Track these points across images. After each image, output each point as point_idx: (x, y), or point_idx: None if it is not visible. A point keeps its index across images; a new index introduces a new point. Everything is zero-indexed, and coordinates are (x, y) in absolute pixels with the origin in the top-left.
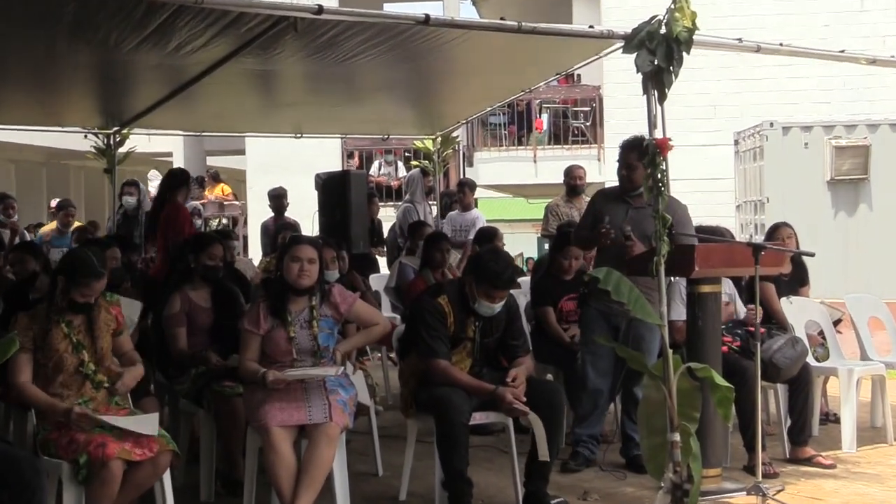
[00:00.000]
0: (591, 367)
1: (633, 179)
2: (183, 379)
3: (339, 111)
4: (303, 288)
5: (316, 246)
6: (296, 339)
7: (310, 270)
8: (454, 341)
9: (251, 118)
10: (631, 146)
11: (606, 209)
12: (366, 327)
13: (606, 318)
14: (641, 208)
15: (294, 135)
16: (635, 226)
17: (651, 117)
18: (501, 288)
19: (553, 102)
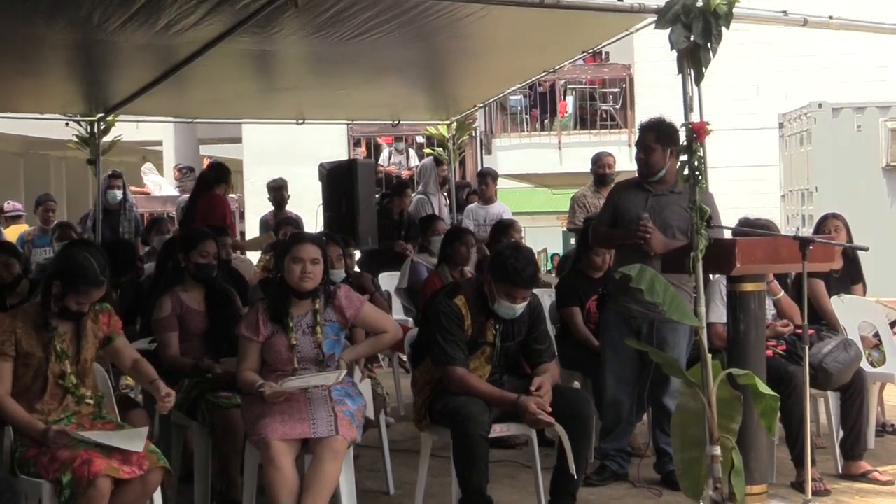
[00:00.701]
0: (611, 375)
1: (650, 163)
2: (175, 389)
3: (344, 95)
4: (305, 291)
5: (319, 244)
6: (298, 346)
7: (313, 272)
8: (472, 346)
9: (248, 103)
10: (649, 127)
11: (625, 200)
12: (374, 334)
13: (626, 320)
14: (662, 195)
15: (295, 121)
16: (656, 215)
17: (687, 99)
18: (523, 287)
19: (579, 83)
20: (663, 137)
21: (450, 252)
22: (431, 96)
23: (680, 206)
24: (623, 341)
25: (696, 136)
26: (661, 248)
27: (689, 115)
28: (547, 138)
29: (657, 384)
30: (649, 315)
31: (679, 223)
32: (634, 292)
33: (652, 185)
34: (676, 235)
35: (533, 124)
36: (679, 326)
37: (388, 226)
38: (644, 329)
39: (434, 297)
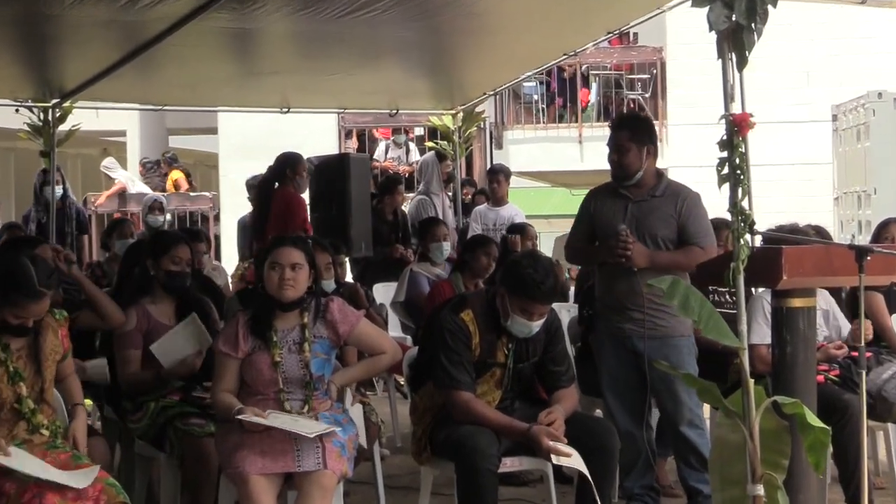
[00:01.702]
0: (616, 406)
1: (625, 165)
2: (139, 415)
3: (335, 80)
4: (286, 301)
5: (303, 247)
6: (282, 364)
7: (294, 279)
8: (480, 368)
9: (225, 89)
10: (621, 123)
11: (601, 209)
12: (370, 354)
13: (620, 340)
14: (643, 201)
15: (279, 109)
16: (638, 223)
17: (727, 87)
18: (541, 301)
19: (603, 68)
20: (638, 135)
21: (469, 260)
22: (434, 82)
23: (664, 211)
24: (622, 367)
25: (737, 130)
26: (645, 261)
27: (730, 106)
28: (566, 131)
29: (667, 411)
30: (645, 333)
31: (665, 232)
32: (625, 310)
33: (629, 191)
34: (663, 246)
35: (550, 115)
36: (681, 342)
37: (382, 229)
38: (640, 348)
39: (437, 311)
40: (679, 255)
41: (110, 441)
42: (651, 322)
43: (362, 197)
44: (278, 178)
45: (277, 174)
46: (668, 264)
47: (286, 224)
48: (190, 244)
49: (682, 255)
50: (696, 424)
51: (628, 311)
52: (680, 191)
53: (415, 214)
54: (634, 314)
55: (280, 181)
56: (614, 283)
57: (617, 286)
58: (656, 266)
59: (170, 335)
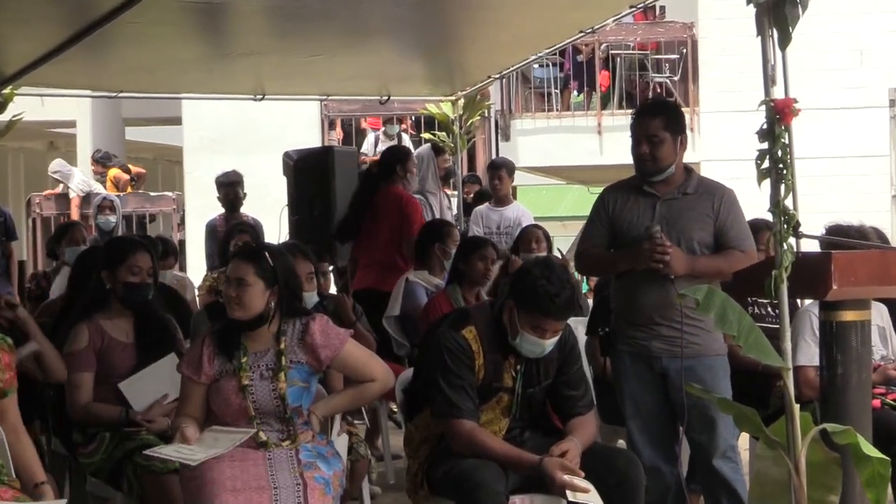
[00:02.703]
0: (640, 436)
1: (660, 159)
2: (92, 448)
3: (317, 63)
4: (236, 320)
5: (255, 261)
6: (252, 390)
7: (238, 298)
8: (484, 393)
9: (190, 73)
10: (654, 110)
11: (623, 209)
12: (358, 381)
13: (645, 361)
14: (673, 199)
15: (252, 96)
16: (669, 226)
17: (767, 69)
18: (555, 317)
19: (626, 48)
20: (673, 124)
21: (463, 268)
22: (431, 65)
23: (699, 210)
24: (646, 391)
25: (779, 118)
26: (684, 267)
27: (771, 90)
28: (583, 120)
29: (699, 442)
30: (675, 352)
31: (701, 234)
32: (653, 325)
33: (656, 188)
34: (698, 250)
35: (565, 102)
36: (716, 362)
37: None
38: (671, 371)
39: (435, 327)
40: (720, 261)
41: (58, 479)
42: (684, 339)
43: (348, 196)
44: (386, 176)
45: (386, 171)
46: (709, 271)
47: (401, 228)
48: (150, 252)
49: (722, 261)
50: (730, 457)
51: (656, 326)
52: (715, 188)
53: None
54: (664, 330)
55: (387, 179)
56: (640, 295)
57: (644, 298)
58: (696, 273)
59: (143, 374)
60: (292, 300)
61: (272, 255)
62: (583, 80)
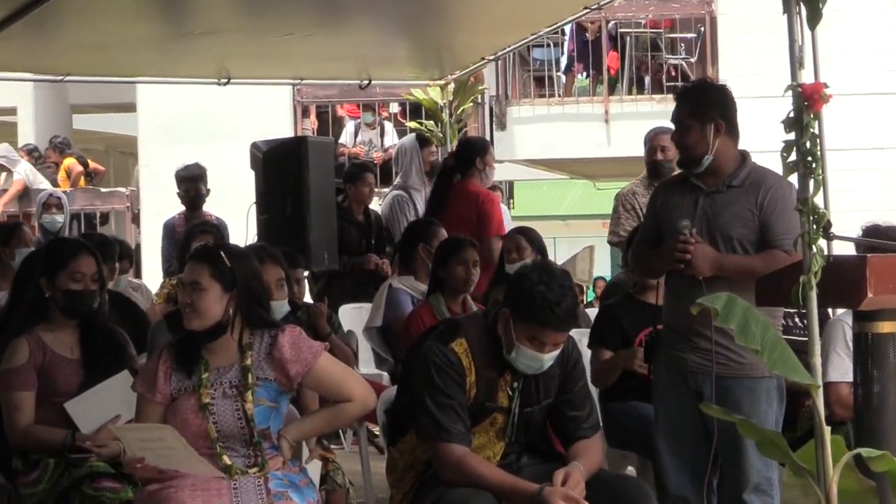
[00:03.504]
0: (668, 458)
1: (685, 147)
2: (35, 477)
3: (289, 43)
4: (194, 331)
5: (210, 261)
6: (213, 410)
7: (192, 303)
8: (477, 414)
9: (146, 54)
10: (682, 94)
11: (667, 204)
12: (334, 401)
13: (681, 375)
14: (717, 193)
15: (216, 80)
16: (709, 221)
17: (794, 49)
18: (555, 328)
19: (636, 26)
20: (701, 109)
21: (442, 275)
22: (418, 45)
23: (741, 204)
24: (681, 410)
25: (807, 105)
26: (710, 267)
27: (799, 74)
28: (588, 107)
29: (728, 472)
30: (711, 368)
31: (742, 231)
32: (692, 336)
33: (702, 179)
34: (740, 249)
35: (568, 87)
36: (759, 385)
37: (350, 234)
38: (706, 388)
39: (422, 341)
40: (755, 261)
41: None
42: (722, 354)
43: (324, 193)
44: (463, 169)
45: (463, 164)
46: (740, 271)
47: (480, 227)
48: (96, 255)
49: (758, 261)
50: (763, 490)
51: (694, 337)
52: (764, 178)
53: (389, 215)
54: (701, 342)
55: (464, 172)
56: (680, 300)
57: (682, 303)
58: (726, 274)
59: (91, 392)
60: (254, 307)
61: (230, 255)
62: (588, 61)
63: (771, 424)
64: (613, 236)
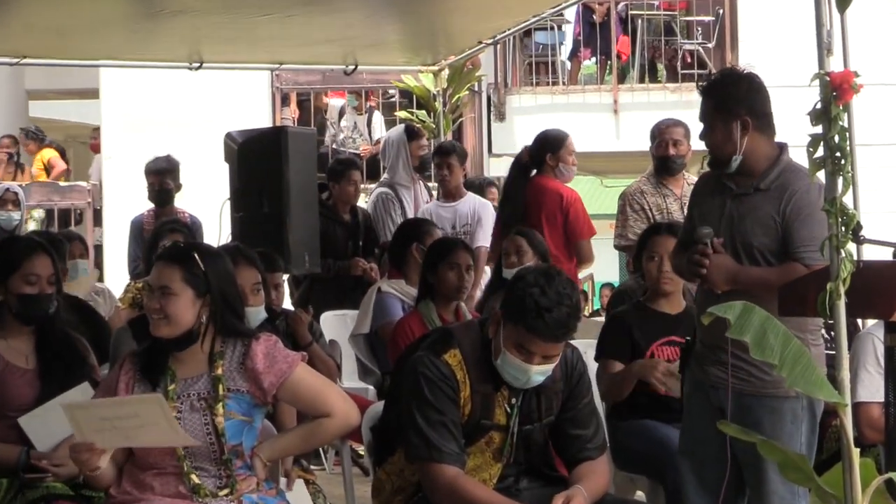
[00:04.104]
0: (689, 477)
1: (711, 147)
2: None
3: (267, 25)
4: (162, 338)
5: (181, 263)
6: (180, 423)
7: (165, 308)
8: (472, 432)
9: (111, 36)
10: (708, 87)
11: (700, 206)
12: (312, 416)
13: (705, 392)
14: (745, 195)
15: (188, 65)
16: (733, 228)
17: (822, 34)
18: (544, 336)
19: (649, 8)
20: (725, 105)
21: (432, 281)
22: (409, 27)
23: (764, 210)
24: (705, 427)
25: (836, 95)
26: (725, 280)
27: (827, 62)
28: (595, 96)
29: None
30: (732, 383)
31: (763, 240)
32: (715, 348)
33: (734, 180)
34: (761, 260)
35: (574, 74)
36: (784, 405)
37: (334, 234)
38: (728, 405)
39: (411, 351)
40: (771, 275)
41: None
42: (742, 369)
43: (306, 189)
44: (538, 164)
45: (536, 158)
46: (756, 285)
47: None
48: (52, 255)
49: (775, 276)
50: None
51: (718, 350)
52: (791, 181)
53: (373, 215)
54: (722, 355)
55: (539, 168)
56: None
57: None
58: (742, 287)
59: (48, 406)
60: (228, 314)
61: (203, 256)
62: (596, 46)
63: (798, 447)
64: (621, 239)
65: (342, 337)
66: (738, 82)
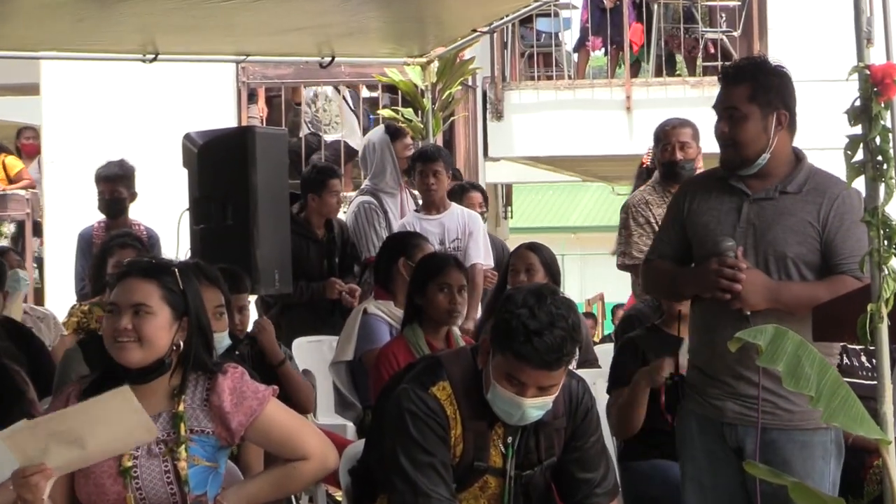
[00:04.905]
0: None
1: (740, 142)
2: None
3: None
4: (128, 367)
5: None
6: (136, 473)
7: (141, 329)
8: (465, 475)
9: (53, 24)
10: (737, 74)
11: (700, 210)
12: (284, 458)
13: (716, 428)
14: (767, 200)
15: (141, 57)
16: (758, 237)
17: (862, 22)
18: (535, 365)
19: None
20: (765, 93)
21: (420, 303)
22: (393, 14)
23: (800, 216)
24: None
25: (877, 91)
26: (764, 299)
27: (866, 53)
28: (605, 92)
29: None
30: (755, 419)
31: (800, 249)
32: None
33: (747, 183)
34: (796, 274)
35: (581, 67)
36: (814, 438)
37: (308, 251)
38: (748, 443)
39: (395, 383)
40: (820, 291)
41: None
42: (768, 402)
43: (276, 197)
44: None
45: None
46: (803, 304)
47: None
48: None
49: (825, 291)
50: None
51: (735, 381)
52: (828, 185)
53: (354, 227)
54: (743, 387)
55: None
56: (715, 333)
57: (717, 339)
58: (784, 307)
59: None
60: (201, 342)
61: (182, 272)
62: (606, 35)
63: (828, 487)
64: (625, 258)
65: (317, 366)
66: (776, 72)
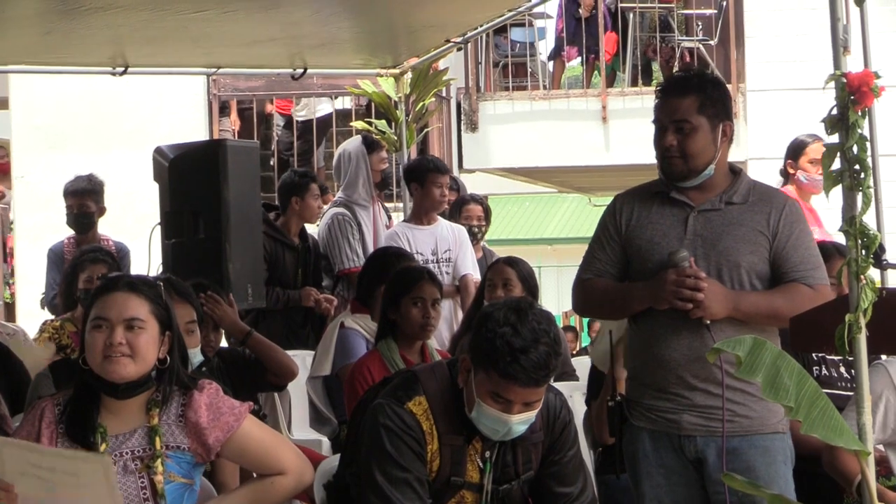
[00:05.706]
0: None
1: (690, 154)
2: None
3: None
4: (118, 382)
5: (146, 292)
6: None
7: (135, 344)
8: (441, 491)
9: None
10: (682, 84)
11: (642, 224)
12: (260, 474)
13: (672, 442)
14: (713, 211)
15: (111, 70)
16: (707, 248)
17: (839, 30)
18: (522, 382)
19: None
20: (712, 105)
21: (394, 317)
22: (366, 24)
23: (749, 226)
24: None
25: (853, 99)
26: (725, 307)
27: (843, 61)
28: (581, 102)
29: None
30: (715, 428)
31: (752, 258)
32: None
33: (689, 195)
34: (748, 283)
35: (556, 77)
36: (774, 443)
37: (282, 261)
38: (709, 454)
39: (370, 398)
40: (777, 298)
41: None
42: (727, 410)
43: (248, 211)
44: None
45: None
46: (761, 312)
47: None
48: None
49: (781, 298)
50: None
51: (689, 392)
52: (773, 195)
53: (329, 238)
54: (699, 397)
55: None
56: (665, 347)
57: (670, 351)
58: (743, 315)
59: None
60: (182, 357)
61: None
62: (582, 45)
63: (791, 493)
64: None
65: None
66: (719, 83)
